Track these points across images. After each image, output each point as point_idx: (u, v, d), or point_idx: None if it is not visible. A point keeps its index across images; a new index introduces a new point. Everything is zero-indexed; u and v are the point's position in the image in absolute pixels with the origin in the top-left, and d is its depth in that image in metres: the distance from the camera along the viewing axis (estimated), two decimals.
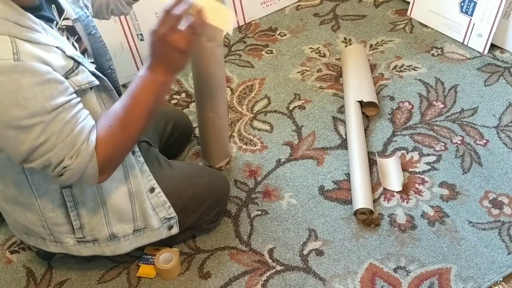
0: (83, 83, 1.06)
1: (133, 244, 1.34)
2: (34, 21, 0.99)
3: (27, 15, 0.98)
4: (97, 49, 1.21)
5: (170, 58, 1.03)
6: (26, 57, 0.94)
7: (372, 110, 1.84)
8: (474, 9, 2.00)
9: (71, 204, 1.22)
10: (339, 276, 1.41)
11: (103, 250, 1.32)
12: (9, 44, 0.93)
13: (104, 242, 1.30)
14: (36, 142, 0.97)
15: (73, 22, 1.14)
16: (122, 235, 1.30)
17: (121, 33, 1.95)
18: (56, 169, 1.02)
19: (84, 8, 1.20)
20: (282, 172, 1.68)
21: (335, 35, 2.20)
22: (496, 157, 1.66)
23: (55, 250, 1.32)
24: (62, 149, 1.00)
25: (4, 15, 0.94)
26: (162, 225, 1.34)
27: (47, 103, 0.96)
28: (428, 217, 1.52)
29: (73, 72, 1.04)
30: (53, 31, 1.05)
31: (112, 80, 1.27)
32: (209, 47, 1.42)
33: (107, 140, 1.05)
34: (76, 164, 1.01)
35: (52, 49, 1.00)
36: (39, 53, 0.96)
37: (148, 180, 1.30)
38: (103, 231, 1.28)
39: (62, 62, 1.01)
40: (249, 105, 1.92)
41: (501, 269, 1.39)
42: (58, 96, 0.98)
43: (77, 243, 1.29)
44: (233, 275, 1.43)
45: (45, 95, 0.96)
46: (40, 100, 0.95)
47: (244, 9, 2.26)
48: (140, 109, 1.06)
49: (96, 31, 1.20)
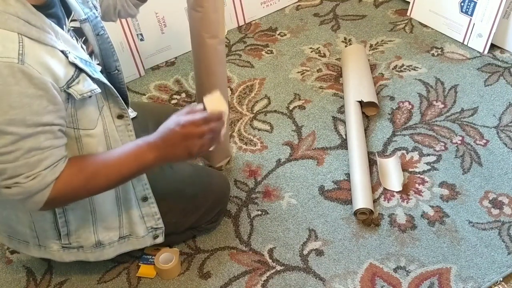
0: (85, 91, 1.04)
1: (117, 251, 1.33)
2: (45, 21, 0.98)
3: (39, 14, 0.97)
4: (104, 49, 1.21)
5: (176, 154, 1.04)
6: (31, 61, 0.92)
7: (372, 110, 1.84)
8: (474, 9, 2.00)
9: (60, 210, 1.21)
10: (339, 276, 1.41)
11: (87, 256, 1.31)
12: (17, 44, 0.92)
13: (89, 249, 1.29)
14: (1, 149, 0.94)
15: (81, 23, 1.14)
16: (107, 243, 1.30)
17: (121, 33, 1.95)
18: (7, 181, 0.97)
19: (93, 9, 1.19)
20: (282, 172, 1.68)
21: (335, 35, 2.20)
22: (496, 157, 1.66)
23: (37, 255, 1.31)
24: (22, 166, 0.96)
25: (16, 12, 0.93)
26: (147, 233, 1.34)
27: (30, 117, 0.94)
28: (428, 217, 1.52)
29: (74, 80, 1.02)
30: (63, 32, 1.04)
31: (118, 81, 1.27)
32: (211, 44, 1.42)
33: (70, 181, 1.02)
34: (28, 185, 0.98)
35: (57, 53, 0.99)
36: (44, 57, 0.95)
37: (144, 189, 1.29)
38: (89, 239, 1.27)
39: (64, 68, 1.00)
40: (249, 105, 1.92)
41: (501, 269, 1.39)
42: (44, 115, 0.96)
43: (61, 249, 1.28)
44: (233, 275, 1.43)
45: (31, 110, 0.93)
46: (24, 112, 0.93)
47: (244, 9, 2.26)
48: (116, 173, 1.06)
49: (104, 31, 1.20)
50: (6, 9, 0.92)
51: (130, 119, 1.21)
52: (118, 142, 1.19)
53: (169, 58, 2.14)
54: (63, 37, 1.03)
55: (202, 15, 1.37)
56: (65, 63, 1.01)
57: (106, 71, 1.23)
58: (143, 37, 2.03)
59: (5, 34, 0.92)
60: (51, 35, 0.99)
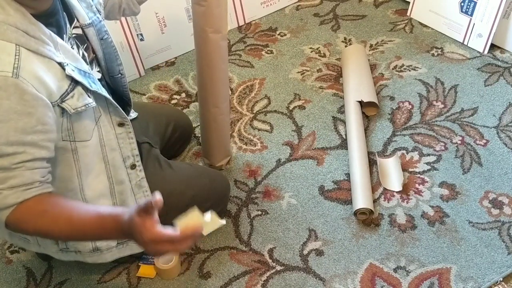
0: (79, 106, 1.03)
1: (115, 255, 1.33)
2: (45, 32, 0.97)
3: (38, 24, 0.96)
4: (108, 54, 1.20)
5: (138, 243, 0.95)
6: (26, 75, 0.91)
7: (372, 110, 1.84)
8: (474, 9, 2.00)
9: None
10: (339, 276, 1.41)
11: (85, 258, 1.31)
12: (13, 57, 0.91)
13: (87, 253, 1.29)
14: None
15: (85, 27, 1.13)
16: (105, 248, 1.29)
17: (121, 33, 1.95)
18: None
19: (97, 13, 1.19)
20: (282, 172, 1.68)
21: (335, 35, 2.20)
22: (496, 157, 1.66)
23: (37, 250, 1.31)
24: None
25: (15, 22, 0.92)
26: None
27: (14, 134, 0.91)
28: (428, 217, 1.52)
29: (68, 94, 1.01)
30: (63, 42, 1.03)
31: (122, 84, 1.26)
32: (214, 39, 1.41)
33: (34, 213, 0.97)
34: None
35: (54, 65, 0.98)
36: (40, 71, 0.94)
37: (144, 196, 1.29)
38: (87, 245, 1.26)
39: (58, 82, 0.98)
40: (249, 105, 1.92)
41: (501, 269, 1.39)
42: (30, 134, 0.93)
43: (59, 251, 1.28)
44: (233, 275, 1.43)
45: (17, 126, 0.91)
46: (8, 128, 0.90)
47: (244, 9, 2.26)
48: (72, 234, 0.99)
49: (108, 36, 1.20)
50: (5, 19, 0.91)
51: (131, 126, 1.21)
52: (115, 151, 1.19)
53: (169, 58, 2.14)
54: (63, 48, 1.02)
55: (205, 10, 1.37)
56: (60, 77, 0.99)
57: (110, 75, 1.23)
58: (143, 37, 2.03)
59: (2, 46, 0.91)
60: (49, 46, 0.98)
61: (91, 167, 1.15)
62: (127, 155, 1.22)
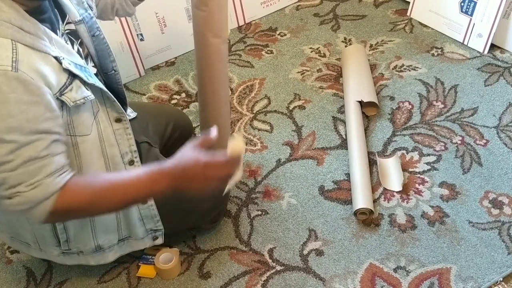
0: (78, 99, 1.03)
1: (117, 254, 1.33)
2: (39, 27, 0.97)
3: (32, 20, 0.96)
4: (100, 50, 1.20)
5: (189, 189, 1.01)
6: (25, 68, 0.92)
7: (372, 110, 1.84)
8: (474, 9, 2.00)
9: None
10: (339, 276, 1.41)
11: (87, 260, 1.31)
12: (10, 51, 0.91)
13: (89, 253, 1.29)
14: (1, 158, 0.92)
15: (76, 24, 1.13)
16: (107, 246, 1.30)
17: (121, 33, 1.95)
18: (8, 191, 0.95)
19: (88, 9, 1.18)
20: (282, 172, 1.68)
21: (335, 35, 2.20)
22: (496, 157, 1.66)
23: (38, 256, 1.31)
24: (21, 175, 0.94)
25: (9, 18, 0.92)
26: (147, 235, 1.34)
27: (27, 124, 0.92)
28: (428, 217, 1.52)
29: (67, 88, 1.01)
30: (57, 37, 1.03)
31: (116, 81, 1.26)
32: (214, 43, 1.41)
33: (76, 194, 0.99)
34: (31, 194, 0.95)
35: (50, 59, 0.98)
36: (38, 64, 0.94)
37: None
38: (89, 244, 1.27)
39: (56, 76, 0.99)
40: (249, 105, 1.92)
41: (501, 269, 1.39)
42: (42, 122, 0.94)
43: (61, 254, 1.28)
44: (233, 275, 1.43)
45: (28, 116, 0.92)
46: (21, 120, 0.91)
47: (244, 9, 2.26)
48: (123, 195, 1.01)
49: (100, 32, 1.19)
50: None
51: (128, 122, 1.21)
52: (114, 146, 1.18)
53: (169, 58, 2.14)
54: (57, 43, 1.02)
55: (207, 15, 1.37)
56: (58, 70, 1.00)
57: (103, 72, 1.23)
58: (143, 37, 2.03)
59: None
60: (44, 41, 0.98)
61: (91, 162, 1.14)
62: (125, 151, 1.22)
